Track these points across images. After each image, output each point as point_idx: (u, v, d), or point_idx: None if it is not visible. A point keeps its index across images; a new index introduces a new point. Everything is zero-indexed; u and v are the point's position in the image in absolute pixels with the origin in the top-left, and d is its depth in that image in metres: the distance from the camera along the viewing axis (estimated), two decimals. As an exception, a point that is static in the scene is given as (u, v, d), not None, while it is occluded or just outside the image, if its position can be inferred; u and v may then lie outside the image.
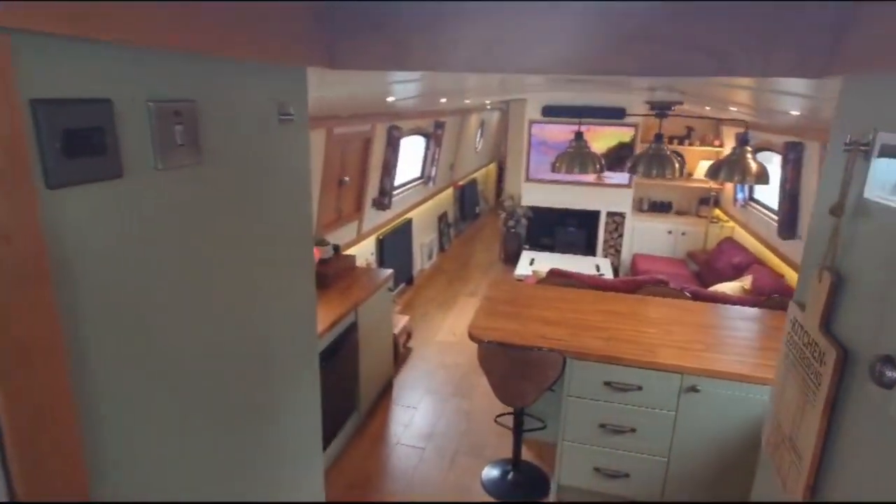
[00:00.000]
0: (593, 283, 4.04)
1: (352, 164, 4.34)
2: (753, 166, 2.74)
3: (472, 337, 2.96)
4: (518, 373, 2.77)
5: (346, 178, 4.23)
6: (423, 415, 3.85)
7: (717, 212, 6.57)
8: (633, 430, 2.80)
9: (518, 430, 3.07)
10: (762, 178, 2.74)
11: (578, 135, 3.11)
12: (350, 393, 3.40)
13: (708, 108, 4.62)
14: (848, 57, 0.91)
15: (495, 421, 3.25)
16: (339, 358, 3.12)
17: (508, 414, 3.11)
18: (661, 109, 2.75)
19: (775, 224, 4.77)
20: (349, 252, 4.32)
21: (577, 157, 3.06)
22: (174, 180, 0.83)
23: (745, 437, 2.66)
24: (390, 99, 3.34)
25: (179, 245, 0.86)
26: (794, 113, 2.75)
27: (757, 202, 5.47)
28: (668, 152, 2.89)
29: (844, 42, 0.92)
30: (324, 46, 1.12)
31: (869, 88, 0.88)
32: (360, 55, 1.15)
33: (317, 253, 3.43)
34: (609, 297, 3.64)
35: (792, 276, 4.41)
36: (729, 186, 6.22)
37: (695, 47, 0.98)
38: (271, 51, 0.98)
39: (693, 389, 2.66)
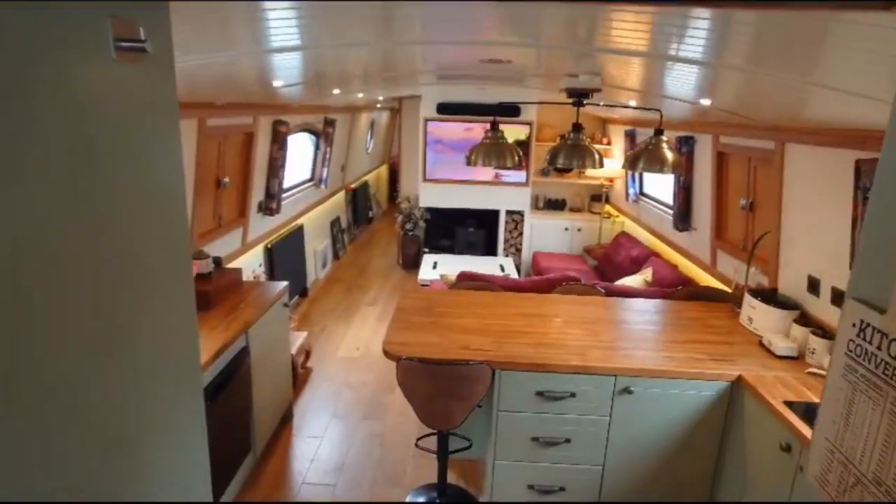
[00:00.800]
0: (507, 285, 3.86)
1: (232, 162, 3.76)
2: (670, 156, 2.67)
3: (387, 354, 2.59)
4: (444, 391, 2.45)
5: (226, 180, 3.65)
6: (331, 445, 3.39)
7: (608, 207, 6.79)
8: (567, 441, 2.61)
9: (443, 453, 2.76)
10: (679, 167, 2.69)
11: (494, 125, 2.87)
12: (243, 430, 2.87)
13: (602, 103, 4.66)
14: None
15: (416, 445, 2.91)
16: (228, 392, 2.59)
17: (430, 435, 2.78)
18: (579, 97, 2.60)
19: (667, 216, 4.94)
20: (233, 265, 3.74)
21: (493, 149, 2.82)
22: None
23: (676, 433, 2.58)
24: (277, 83, 2.87)
25: None
26: (705, 102, 2.74)
27: (647, 196, 5.67)
28: (587, 142, 2.76)
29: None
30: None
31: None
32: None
33: (194, 268, 2.85)
34: (525, 298, 3.46)
35: (685, 266, 4.56)
36: (619, 183, 6.43)
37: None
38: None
39: (627, 391, 2.53)
